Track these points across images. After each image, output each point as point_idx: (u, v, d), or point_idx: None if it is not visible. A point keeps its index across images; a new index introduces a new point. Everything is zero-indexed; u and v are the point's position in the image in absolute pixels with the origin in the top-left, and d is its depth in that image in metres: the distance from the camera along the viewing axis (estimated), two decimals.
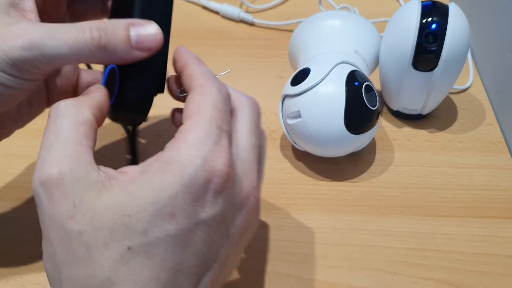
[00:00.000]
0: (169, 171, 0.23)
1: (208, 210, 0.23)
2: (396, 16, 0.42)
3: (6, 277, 0.35)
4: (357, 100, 0.37)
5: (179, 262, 0.23)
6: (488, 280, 0.34)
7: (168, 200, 0.22)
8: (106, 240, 0.22)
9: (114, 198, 0.22)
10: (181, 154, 0.23)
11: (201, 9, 0.60)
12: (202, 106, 0.25)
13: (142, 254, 0.22)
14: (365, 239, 0.37)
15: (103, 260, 0.22)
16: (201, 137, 0.24)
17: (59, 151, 0.23)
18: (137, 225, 0.22)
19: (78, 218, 0.22)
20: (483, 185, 0.40)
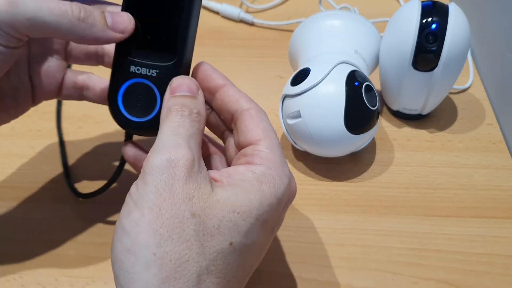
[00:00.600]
0: (266, 183, 0.26)
1: (281, 220, 0.28)
2: (396, 16, 0.42)
3: (6, 277, 0.35)
4: (357, 100, 0.37)
5: (254, 265, 0.27)
6: (488, 280, 0.34)
7: (267, 208, 0.25)
8: (213, 230, 0.24)
9: (225, 194, 0.25)
10: (271, 172, 0.26)
11: (201, 9, 0.59)
12: (266, 129, 0.28)
13: (238, 252, 0.25)
14: (365, 239, 0.37)
15: (206, 248, 0.23)
16: (281, 160, 0.27)
17: (189, 142, 0.25)
18: (242, 224, 0.24)
19: (195, 201, 0.24)
20: (483, 185, 0.40)
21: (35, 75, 0.34)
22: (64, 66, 0.35)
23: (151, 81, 0.29)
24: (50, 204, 0.39)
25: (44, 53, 0.34)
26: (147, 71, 0.29)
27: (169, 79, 0.29)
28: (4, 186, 0.40)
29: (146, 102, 0.30)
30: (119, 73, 0.30)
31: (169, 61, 0.29)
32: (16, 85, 0.33)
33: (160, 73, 0.29)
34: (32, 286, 0.34)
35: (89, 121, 0.45)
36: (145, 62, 0.29)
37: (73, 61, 0.36)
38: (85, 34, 0.28)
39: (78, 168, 0.42)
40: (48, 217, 0.38)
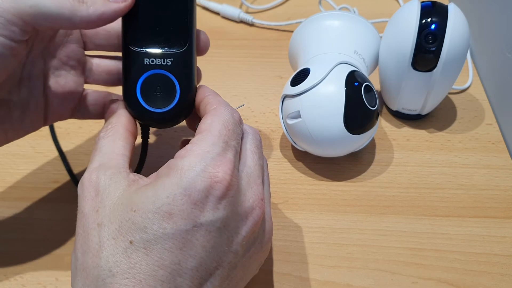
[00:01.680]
0: (171, 174, 0.25)
1: (207, 215, 0.25)
2: (396, 16, 0.42)
3: (6, 277, 0.35)
4: (357, 100, 0.37)
5: (177, 262, 0.24)
6: (487, 279, 0.34)
7: (166, 199, 0.24)
8: (115, 233, 0.24)
9: (128, 195, 0.25)
10: (183, 161, 0.25)
11: (201, 10, 0.60)
12: (212, 124, 0.27)
13: (142, 249, 0.24)
14: (365, 239, 0.37)
15: (109, 252, 0.24)
16: (206, 148, 0.26)
17: (99, 160, 0.28)
18: (139, 220, 0.24)
19: (101, 211, 0.25)
20: (482, 185, 0.40)
21: (50, 92, 0.33)
22: (81, 85, 0.34)
23: (167, 70, 0.30)
24: (50, 204, 0.39)
25: (60, 69, 0.33)
26: (161, 61, 0.30)
27: (184, 65, 0.30)
28: (4, 186, 0.40)
29: (166, 92, 0.30)
30: (133, 67, 0.30)
31: (181, 48, 0.30)
32: (26, 97, 0.32)
33: (175, 61, 0.30)
34: (33, 286, 0.34)
35: (89, 121, 0.45)
36: (158, 52, 0.30)
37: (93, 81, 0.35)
38: (89, 14, 0.28)
39: (78, 168, 0.42)
40: (48, 217, 0.38)
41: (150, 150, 0.34)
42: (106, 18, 0.29)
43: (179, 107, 0.30)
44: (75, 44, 0.34)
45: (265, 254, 0.30)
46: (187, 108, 0.31)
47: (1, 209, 0.39)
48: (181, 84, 0.30)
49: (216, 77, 0.50)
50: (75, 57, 0.34)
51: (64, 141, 0.44)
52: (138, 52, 0.30)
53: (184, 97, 0.30)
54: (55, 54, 0.33)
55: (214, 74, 0.51)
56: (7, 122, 0.32)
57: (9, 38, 0.27)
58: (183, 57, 0.30)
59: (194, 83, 0.31)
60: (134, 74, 0.30)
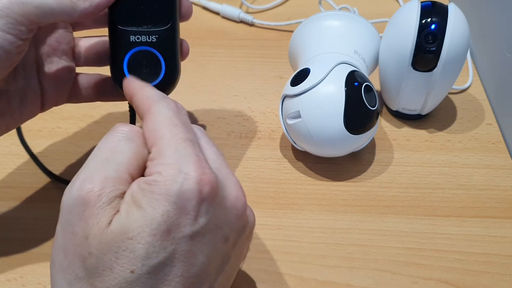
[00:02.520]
0: (156, 191, 0.23)
1: (200, 220, 0.24)
2: (396, 16, 0.42)
3: (6, 277, 0.35)
4: (357, 100, 0.37)
5: (179, 274, 0.24)
6: (487, 279, 0.34)
7: (161, 218, 0.23)
8: (111, 263, 0.23)
9: (119, 222, 0.23)
10: (162, 176, 0.24)
11: (201, 10, 0.60)
12: (158, 129, 0.25)
13: (145, 275, 0.23)
14: (365, 239, 0.37)
15: (108, 282, 0.23)
16: (173, 156, 0.24)
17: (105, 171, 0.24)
18: (139, 247, 0.23)
19: (90, 240, 0.23)
20: (482, 185, 0.40)
21: (44, 79, 0.34)
22: (73, 69, 0.35)
23: (152, 47, 0.31)
24: (50, 204, 0.39)
25: (52, 55, 0.34)
26: (147, 38, 0.31)
27: (169, 42, 0.31)
28: (4, 186, 0.40)
29: (151, 67, 0.31)
30: (120, 45, 0.31)
31: (166, 25, 0.31)
32: (23, 87, 0.33)
33: (160, 37, 0.31)
34: (33, 286, 0.34)
35: (89, 121, 0.45)
36: (143, 30, 0.31)
37: (84, 63, 0.36)
38: (86, 7, 0.29)
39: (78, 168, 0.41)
40: (48, 217, 0.38)
41: None
42: (101, 7, 0.30)
43: (164, 82, 0.32)
44: (63, 28, 0.35)
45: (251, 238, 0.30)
46: (171, 83, 0.33)
47: (1, 209, 0.39)
48: (166, 60, 0.32)
49: (216, 77, 0.50)
50: (65, 41, 0.35)
51: (64, 141, 0.44)
52: (124, 30, 0.31)
53: (169, 72, 0.32)
54: (45, 40, 0.34)
55: (214, 74, 0.51)
56: (7, 112, 0.32)
57: (16, 36, 0.28)
58: (168, 34, 0.31)
59: (178, 58, 0.32)
60: (121, 51, 0.31)
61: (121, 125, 0.26)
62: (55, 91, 0.34)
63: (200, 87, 0.49)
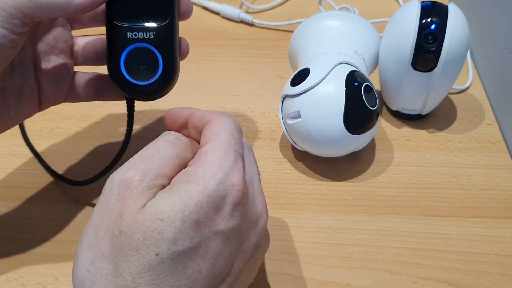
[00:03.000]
0: (194, 181, 0.25)
1: (227, 221, 0.25)
2: (396, 16, 0.42)
3: (6, 277, 0.35)
4: (357, 100, 0.37)
5: (198, 270, 0.24)
6: (487, 279, 0.34)
7: (195, 207, 0.24)
8: (138, 243, 0.23)
9: (151, 204, 0.24)
10: (204, 169, 0.25)
11: (201, 10, 0.60)
12: (219, 132, 0.27)
13: (168, 261, 0.23)
14: (365, 239, 0.37)
15: (132, 262, 0.23)
16: (221, 157, 0.26)
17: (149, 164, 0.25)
18: (167, 230, 0.23)
19: (124, 218, 0.24)
20: (482, 185, 0.40)
21: (42, 77, 0.33)
22: (71, 67, 0.35)
23: (150, 43, 0.31)
24: (50, 204, 0.39)
25: (50, 53, 0.34)
26: (144, 34, 0.31)
27: (167, 39, 0.31)
28: (4, 186, 0.40)
29: (149, 65, 0.31)
30: (117, 41, 0.31)
31: (164, 21, 0.31)
32: (20, 84, 0.32)
33: (158, 34, 0.31)
34: (33, 286, 0.34)
35: (89, 121, 0.45)
36: (141, 26, 0.31)
37: (82, 62, 0.36)
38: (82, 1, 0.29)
39: (78, 168, 0.42)
40: (48, 217, 0.38)
41: None
42: (98, 2, 0.30)
43: (161, 79, 0.31)
44: (61, 26, 0.34)
45: (262, 259, 0.31)
46: (169, 81, 0.32)
47: (1, 209, 0.39)
48: (164, 57, 0.31)
49: (216, 77, 0.50)
50: (63, 39, 0.34)
51: (64, 141, 0.44)
52: (121, 27, 0.31)
53: (167, 70, 0.31)
54: (43, 38, 0.34)
55: (214, 74, 0.51)
56: (3, 109, 0.32)
57: (10, 30, 0.28)
58: (165, 31, 0.31)
59: (176, 55, 0.32)
60: (118, 47, 0.31)
61: (167, 132, 0.28)
62: (53, 90, 0.34)
63: (200, 87, 0.49)
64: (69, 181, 0.39)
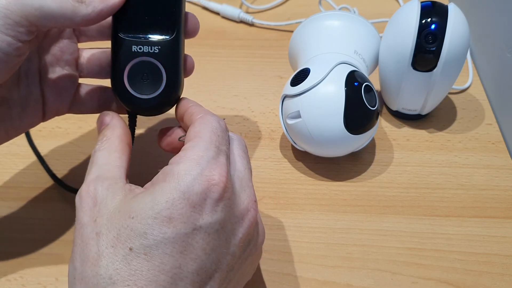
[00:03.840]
0: (168, 180, 0.25)
1: (206, 217, 0.25)
2: (396, 16, 0.42)
3: (6, 277, 0.35)
4: (357, 100, 0.37)
5: (177, 266, 0.24)
6: (487, 279, 0.34)
7: (165, 204, 0.24)
8: (114, 241, 0.24)
9: (125, 203, 0.25)
10: (179, 166, 0.26)
11: (202, 10, 0.60)
12: (201, 131, 0.28)
13: (142, 256, 0.24)
14: (365, 239, 0.37)
15: (108, 260, 0.24)
16: (200, 153, 0.26)
17: (95, 172, 0.28)
18: (138, 227, 0.24)
19: (99, 220, 0.25)
20: (482, 185, 0.40)
21: (47, 88, 0.33)
22: (76, 79, 0.35)
23: (154, 58, 0.31)
24: (50, 204, 0.39)
25: (55, 65, 0.34)
26: (149, 48, 0.31)
27: (171, 54, 0.31)
28: (4, 186, 0.40)
29: (152, 79, 0.31)
30: (121, 54, 0.31)
31: (169, 36, 0.31)
32: (25, 95, 0.32)
33: (162, 48, 0.31)
34: (33, 286, 0.34)
35: (89, 121, 0.45)
36: (146, 40, 0.31)
37: (86, 74, 0.36)
38: (89, 12, 0.29)
39: (78, 168, 0.42)
40: (48, 217, 0.38)
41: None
42: (104, 14, 0.29)
43: (164, 94, 0.31)
44: (67, 38, 0.34)
45: (258, 256, 0.31)
46: (172, 96, 0.32)
47: (1, 209, 0.39)
48: (167, 72, 0.31)
49: (216, 77, 0.50)
50: (69, 51, 0.34)
51: (64, 141, 0.44)
52: (127, 40, 0.31)
53: (170, 85, 0.31)
54: (50, 50, 0.33)
55: (214, 74, 0.51)
56: (7, 120, 0.32)
57: (15, 38, 0.27)
58: (170, 45, 0.31)
59: (180, 71, 0.32)
60: (122, 61, 0.31)
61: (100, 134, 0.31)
62: (57, 101, 0.34)
63: (200, 87, 0.49)
64: (70, 188, 0.39)
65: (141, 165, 0.41)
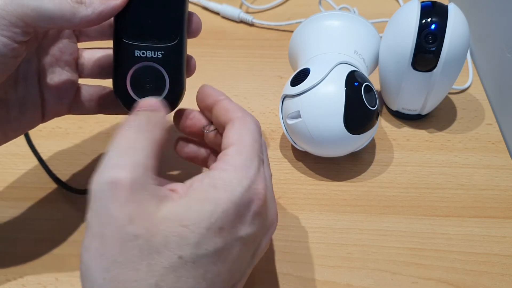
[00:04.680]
0: (221, 187, 0.25)
1: (246, 228, 0.25)
2: (396, 16, 0.42)
3: (6, 277, 0.35)
4: (357, 100, 0.37)
5: (217, 274, 0.24)
6: (487, 279, 0.34)
7: (221, 214, 0.24)
8: (159, 247, 0.23)
9: (171, 209, 0.24)
10: (230, 175, 0.25)
11: (202, 10, 0.60)
12: (243, 135, 0.27)
13: (191, 264, 0.23)
14: (365, 239, 0.37)
15: (154, 266, 0.23)
16: (246, 163, 0.26)
17: (133, 158, 0.24)
18: (192, 236, 0.23)
19: (137, 222, 0.23)
20: (482, 185, 0.40)
21: (46, 89, 0.33)
22: (76, 80, 0.35)
23: (157, 63, 0.30)
24: (50, 204, 0.39)
25: (55, 65, 0.33)
26: (152, 53, 0.30)
27: (175, 59, 0.30)
28: (4, 186, 0.40)
29: (155, 84, 0.31)
30: (124, 59, 0.31)
31: (172, 41, 0.30)
32: (23, 96, 0.32)
33: (166, 53, 0.30)
34: (33, 286, 0.34)
35: (89, 121, 0.45)
36: (149, 45, 0.30)
37: (87, 75, 0.35)
38: (88, 14, 0.28)
39: (78, 168, 0.42)
40: (48, 217, 0.38)
41: None
42: (104, 16, 0.29)
43: (167, 99, 0.31)
44: (67, 38, 0.34)
45: None
46: (175, 101, 0.32)
47: (1, 209, 0.39)
48: (171, 77, 0.31)
49: (216, 77, 0.50)
50: (68, 51, 0.34)
51: (64, 141, 0.44)
52: (129, 44, 0.30)
53: (173, 90, 0.31)
54: (49, 50, 0.33)
55: (214, 74, 0.51)
56: (5, 121, 0.32)
57: (11, 39, 0.27)
58: (174, 51, 0.31)
59: (183, 76, 0.32)
60: (125, 65, 0.31)
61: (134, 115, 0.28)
62: (56, 102, 0.34)
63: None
64: (72, 189, 0.39)
65: None
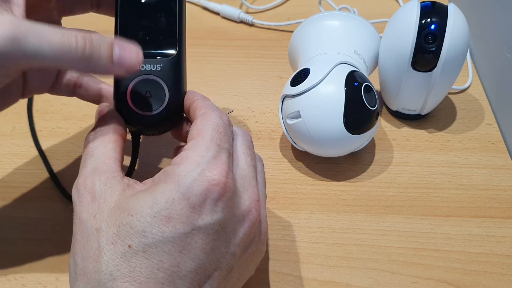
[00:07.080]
0: (169, 181, 0.25)
1: (205, 218, 0.25)
2: (396, 16, 0.42)
3: (7, 276, 0.35)
4: (357, 100, 0.37)
5: (176, 265, 0.24)
6: (487, 279, 0.34)
7: (165, 204, 0.25)
8: (114, 237, 0.24)
9: (124, 200, 0.26)
10: (180, 167, 0.26)
11: (202, 10, 0.60)
12: (203, 129, 0.28)
13: (141, 253, 0.24)
14: (364, 239, 0.37)
15: (109, 256, 0.24)
16: (201, 153, 0.26)
17: (91, 164, 0.28)
18: (137, 224, 0.24)
19: (99, 216, 0.25)
20: (482, 185, 0.40)
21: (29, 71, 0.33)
22: None
23: (157, 76, 0.31)
24: (50, 204, 0.39)
25: None
26: (152, 66, 0.31)
27: (174, 71, 0.31)
28: (4, 186, 0.40)
29: (155, 97, 0.31)
30: None
31: (171, 55, 0.31)
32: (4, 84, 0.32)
33: (165, 66, 0.31)
34: (33, 286, 0.34)
35: (90, 121, 0.45)
36: (148, 59, 0.31)
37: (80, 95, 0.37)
38: (86, 68, 0.27)
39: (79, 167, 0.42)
40: (48, 217, 0.38)
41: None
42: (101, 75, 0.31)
43: (167, 110, 0.31)
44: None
45: (261, 255, 0.31)
46: (175, 114, 0.32)
47: (1, 209, 0.39)
48: (170, 90, 0.31)
49: (216, 77, 0.50)
50: None
51: (64, 141, 0.44)
52: None
53: (172, 102, 0.31)
54: None
55: (214, 74, 0.51)
56: None
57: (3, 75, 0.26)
58: (173, 64, 0.31)
59: (183, 88, 0.32)
60: (125, 79, 0.31)
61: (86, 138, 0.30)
62: (39, 84, 0.34)
63: (200, 87, 0.49)
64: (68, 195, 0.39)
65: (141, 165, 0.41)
